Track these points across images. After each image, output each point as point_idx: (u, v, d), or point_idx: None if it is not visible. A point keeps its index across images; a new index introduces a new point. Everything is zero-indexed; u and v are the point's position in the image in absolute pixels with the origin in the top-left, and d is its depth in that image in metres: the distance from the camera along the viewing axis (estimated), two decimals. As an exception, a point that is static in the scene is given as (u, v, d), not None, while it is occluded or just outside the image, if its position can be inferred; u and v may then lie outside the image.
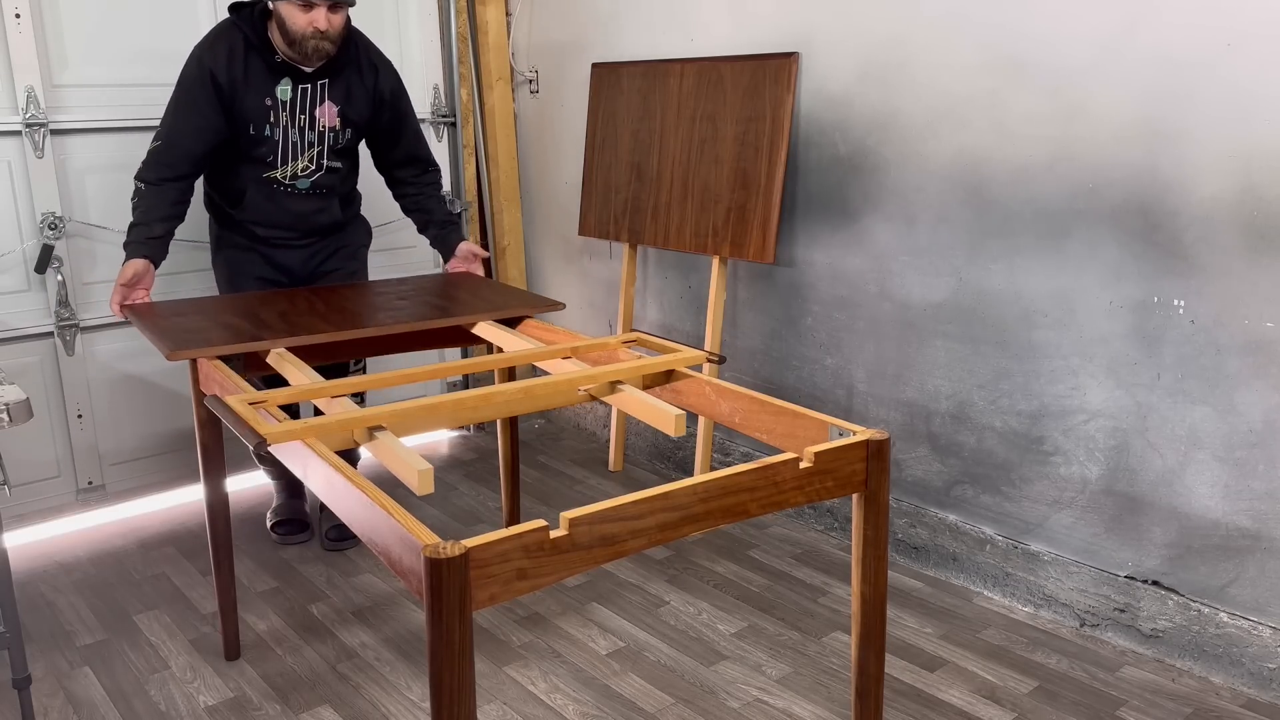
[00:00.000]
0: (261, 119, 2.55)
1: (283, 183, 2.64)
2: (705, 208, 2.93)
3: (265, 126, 2.56)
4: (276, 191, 2.65)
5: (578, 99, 3.47)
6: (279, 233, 2.71)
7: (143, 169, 2.51)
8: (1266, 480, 2.06)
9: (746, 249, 2.82)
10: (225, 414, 1.60)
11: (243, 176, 2.62)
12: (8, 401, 1.69)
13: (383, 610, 2.52)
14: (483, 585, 1.20)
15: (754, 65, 2.79)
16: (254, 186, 2.63)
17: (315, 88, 2.58)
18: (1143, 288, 2.19)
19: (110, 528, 3.02)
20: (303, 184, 2.67)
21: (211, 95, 2.49)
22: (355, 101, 2.65)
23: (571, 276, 3.72)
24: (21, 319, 2.90)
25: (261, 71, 2.52)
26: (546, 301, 2.46)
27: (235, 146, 2.58)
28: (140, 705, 2.14)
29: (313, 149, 2.64)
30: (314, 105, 2.59)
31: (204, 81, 2.49)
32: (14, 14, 2.76)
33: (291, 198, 2.67)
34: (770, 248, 2.76)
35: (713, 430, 3.13)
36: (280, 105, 2.56)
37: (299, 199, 2.68)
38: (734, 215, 2.85)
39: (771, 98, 2.74)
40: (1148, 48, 2.10)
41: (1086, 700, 2.11)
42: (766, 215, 2.76)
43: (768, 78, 2.75)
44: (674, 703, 2.12)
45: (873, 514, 1.55)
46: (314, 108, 2.59)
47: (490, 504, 3.15)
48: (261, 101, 2.54)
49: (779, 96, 2.73)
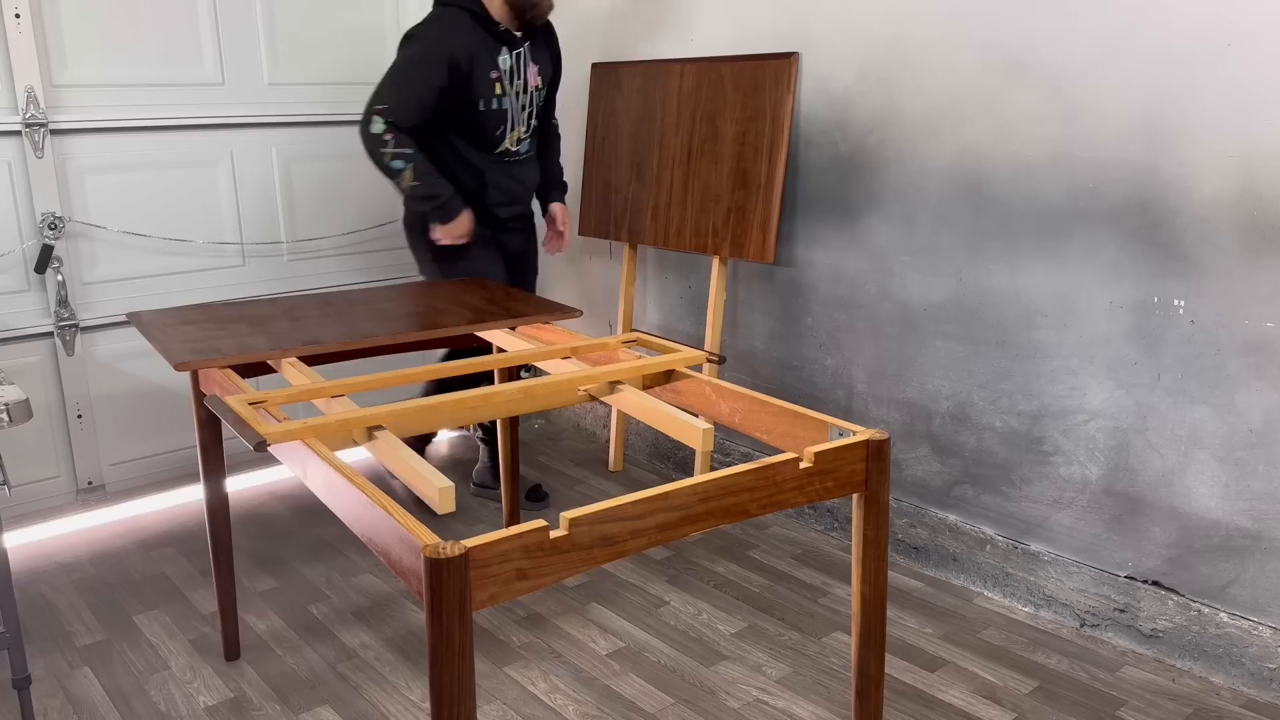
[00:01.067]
0: (490, 93, 2.69)
1: (511, 151, 2.82)
2: (705, 208, 2.93)
3: (494, 99, 2.70)
4: (509, 164, 2.83)
5: (578, 99, 3.47)
6: (515, 209, 2.88)
7: (396, 141, 2.60)
8: (1266, 480, 2.06)
9: (747, 249, 2.83)
10: (225, 414, 1.60)
11: (479, 158, 2.79)
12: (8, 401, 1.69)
13: (383, 610, 2.52)
14: (482, 585, 1.20)
15: (754, 65, 2.80)
16: (491, 166, 2.80)
17: (524, 52, 2.76)
18: (1143, 288, 2.19)
19: (110, 528, 3.02)
20: (524, 148, 2.86)
21: (445, 76, 2.61)
22: (545, 60, 2.86)
23: (571, 277, 3.72)
24: (21, 319, 2.90)
25: (488, 45, 2.67)
26: (561, 308, 2.42)
27: (465, 129, 2.74)
28: (140, 705, 2.14)
29: (524, 112, 2.80)
30: (525, 69, 2.76)
31: (441, 61, 2.60)
32: (14, 14, 2.75)
33: (519, 166, 2.87)
34: (770, 248, 2.76)
35: (713, 430, 3.13)
36: (504, 75, 2.71)
37: (524, 166, 2.89)
38: (734, 215, 2.85)
39: (772, 98, 2.75)
40: (1148, 47, 2.10)
41: (1086, 700, 2.11)
42: (767, 215, 2.77)
43: (768, 78, 2.76)
44: (674, 703, 2.12)
45: (873, 514, 1.55)
46: (525, 71, 2.77)
47: (490, 504, 3.15)
48: (488, 75, 2.68)
49: (779, 96, 2.73)
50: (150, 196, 3.07)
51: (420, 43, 2.64)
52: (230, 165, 3.21)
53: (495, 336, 2.25)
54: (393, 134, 2.60)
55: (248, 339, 2.12)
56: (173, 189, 3.11)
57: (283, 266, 3.36)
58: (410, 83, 2.62)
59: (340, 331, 2.18)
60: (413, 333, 2.20)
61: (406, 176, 2.62)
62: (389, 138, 2.59)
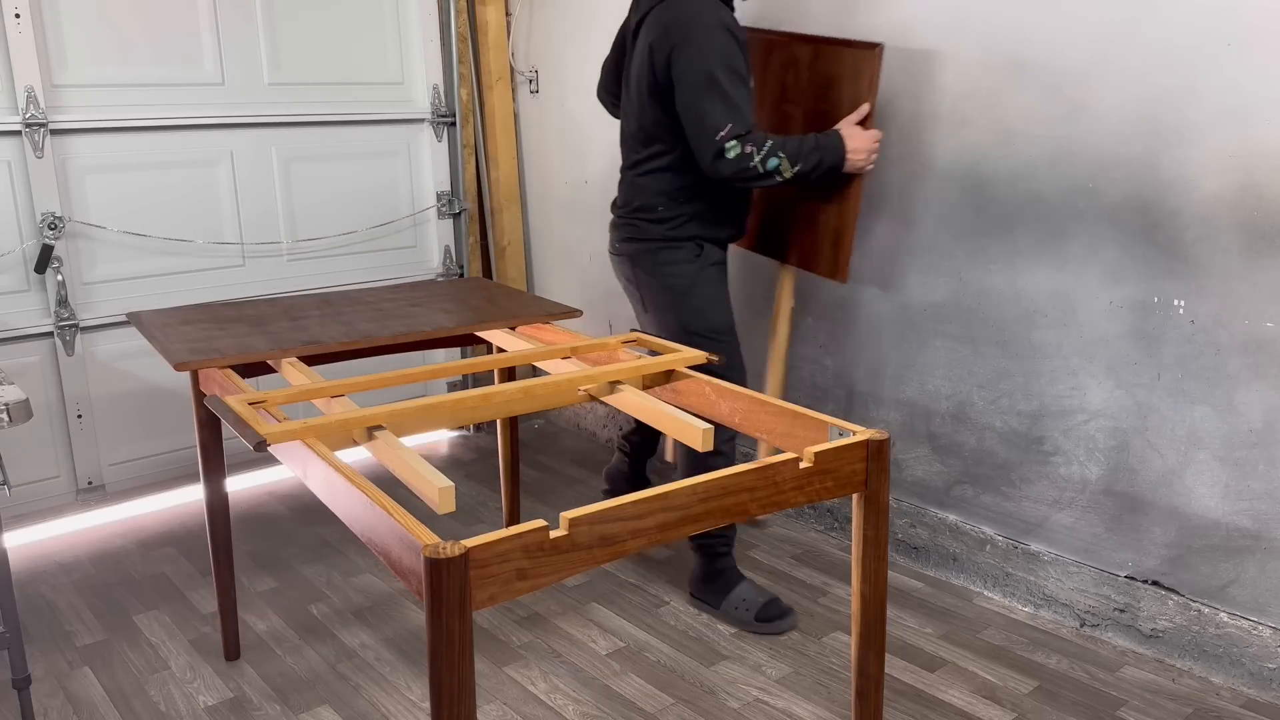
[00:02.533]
0: (750, 70, 2.28)
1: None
2: (778, 210, 2.61)
3: (750, 79, 2.30)
4: None
5: (578, 99, 3.47)
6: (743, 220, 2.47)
7: (754, 147, 2.17)
8: (1266, 480, 2.06)
9: (816, 263, 2.52)
10: (225, 414, 1.60)
11: None
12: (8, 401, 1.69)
13: (383, 610, 2.52)
14: (482, 585, 1.20)
15: (834, 51, 2.45)
16: None
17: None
18: (1143, 287, 2.18)
19: (110, 528, 3.02)
20: None
21: (743, 55, 2.22)
22: None
23: (571, 277, 3.72)
24: (21, 319, 2.90)
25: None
26: (563, 309, 2.40)
27: None
28: (140, 705, 2.14)
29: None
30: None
31: (737, 45, 2.20)
32: (14, 14, 2.76)
33: None
34: (844, 265, 2.44)
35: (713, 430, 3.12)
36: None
37: None
38: (802, 223, 2.55)
39: (850, 95, 2.40)
40: (1148, 46, 2.10)
41: (1086, 700, 2.11)
42: (841, 228, 2.44)
43: (847, 68, 2.40)
44: (674, 703, 2.12)
45: (873, 514, 1.55)
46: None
47: (490, 504, 3.15)
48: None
49: (857, 94, 2.38)
50: (150, 196, 3.07)
51: (707, 33, 2.17)
52: (230, 165, 3.21)
53: (495, 336, 2.25)
54: (748, 145, 2.17)
55: (248, 339, 2.12)
56: (172, 189, 3.11)
57: (282, 266, 3.36)
58: (729, 84, 2.17)
59: (340, 331, 2.18)
60: (413, 333, 2.20)
61: (786, 167, 2.20)
62: (749, 150, 2.17)
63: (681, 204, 2.35)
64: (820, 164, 2.25)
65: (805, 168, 2.23)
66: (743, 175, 2.20)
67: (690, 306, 2.35)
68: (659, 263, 2.37)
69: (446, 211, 3.69)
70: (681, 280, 2.35)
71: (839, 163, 2.29)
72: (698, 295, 2.36)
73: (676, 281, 2.36)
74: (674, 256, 2.36)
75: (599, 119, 3.39)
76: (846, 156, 2.29)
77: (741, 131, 2.17)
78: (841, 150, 2.28)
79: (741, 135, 2.17)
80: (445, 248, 3.71)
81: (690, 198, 2.34)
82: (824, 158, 2.26)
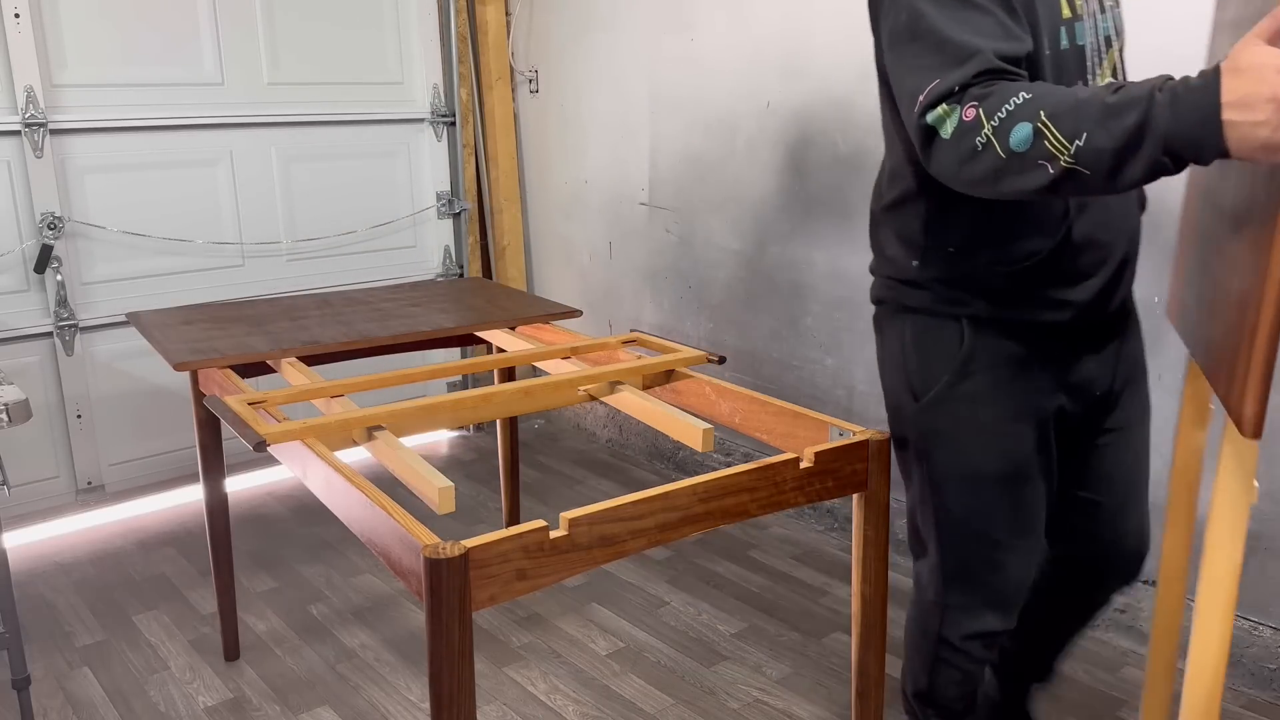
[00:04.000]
0: (1055, 16, 1.29)
1: None
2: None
3: (1061, 29, 1.30)
4: None
5: (578, 99, 3.47)
6: (1103, 276, 1.38)
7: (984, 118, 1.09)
8: (1266, 480, 2.06)
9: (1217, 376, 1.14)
10: (225, 414, 1.60)
11: None
12: (7, 401, 1.69)
13: (382, 610, 2.52)
14: (482, 585, 1.20)
15: None
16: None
17: None
18: (1142, 287, 2.18)
19: (110, 528, 3.02)
20: None
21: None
22: None
23: (571, 277, 3.72)
24: (21, 319, 2.90)
25: None
26: (563, 309, 2.40)
27: None
28: (140, 705, 2.14)
29: (1110, 50, 1.39)
30: None
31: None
32: (13, 14, 2.75)
33: None
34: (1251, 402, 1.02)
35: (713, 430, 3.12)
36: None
37: None
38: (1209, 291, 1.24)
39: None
40: (1148, 46, 2.10)
41: (1086, 700, 2.11)
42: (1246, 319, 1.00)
43: None
44: (674, 703, 2.12)
45: (873, 514, 1.55)
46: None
47: (490, 504, 3.14)
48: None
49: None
50: (150, 196, 3.07)
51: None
52: (230, 165, 3.21)
53: (495, 336, 2.25)
54: (969, 106, 1.12)
55: (247, 339, 2.12)
56: (172, 189, 3.11)
57: (282, 267, 3.36)
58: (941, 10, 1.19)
59: (340, 331, 2.18)
60: (412, 333, 2.20)
61: (1055, 142, 1.04)
62: (971, 116, 1.11)
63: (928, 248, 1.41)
64: (1146, 132, 0.99)
65: (1105, 142, 1.01)
66: (975, 169, 1.12)
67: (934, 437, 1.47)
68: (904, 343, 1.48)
69: (446, 211, 3.69)
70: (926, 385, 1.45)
71: (1200, 134, 0.97)
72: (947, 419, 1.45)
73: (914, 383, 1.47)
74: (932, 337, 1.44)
75: (599, 119, 3.39)
76: (1225, 117, 0.95)
77: (955, 85, 1.14)
78: (1211, 100, 0.95)
79: (955, 91, 1.14)
80: (445, 248, 3.71)
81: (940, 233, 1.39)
82: (1154, 119, 0.99)
